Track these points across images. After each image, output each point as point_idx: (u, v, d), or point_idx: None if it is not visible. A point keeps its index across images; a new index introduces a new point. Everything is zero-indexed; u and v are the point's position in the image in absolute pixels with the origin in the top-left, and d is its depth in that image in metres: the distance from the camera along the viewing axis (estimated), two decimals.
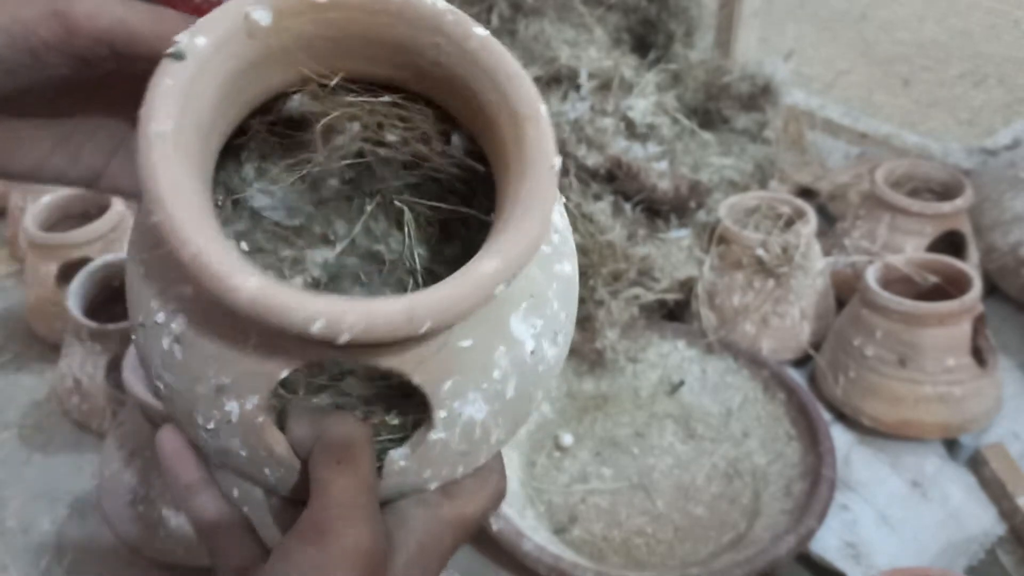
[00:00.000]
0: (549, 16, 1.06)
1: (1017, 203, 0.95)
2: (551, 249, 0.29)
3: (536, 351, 0.28)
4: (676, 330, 0.86)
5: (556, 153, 0.28)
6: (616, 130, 0.86)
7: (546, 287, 0.29)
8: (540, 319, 0.28)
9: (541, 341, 0.28)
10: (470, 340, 0.27)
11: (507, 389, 0.28)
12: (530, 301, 0.28)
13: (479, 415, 0.28)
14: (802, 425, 0.75)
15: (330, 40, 0.28)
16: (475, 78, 0.27)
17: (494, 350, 0.27)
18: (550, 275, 0.29)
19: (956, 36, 1.24)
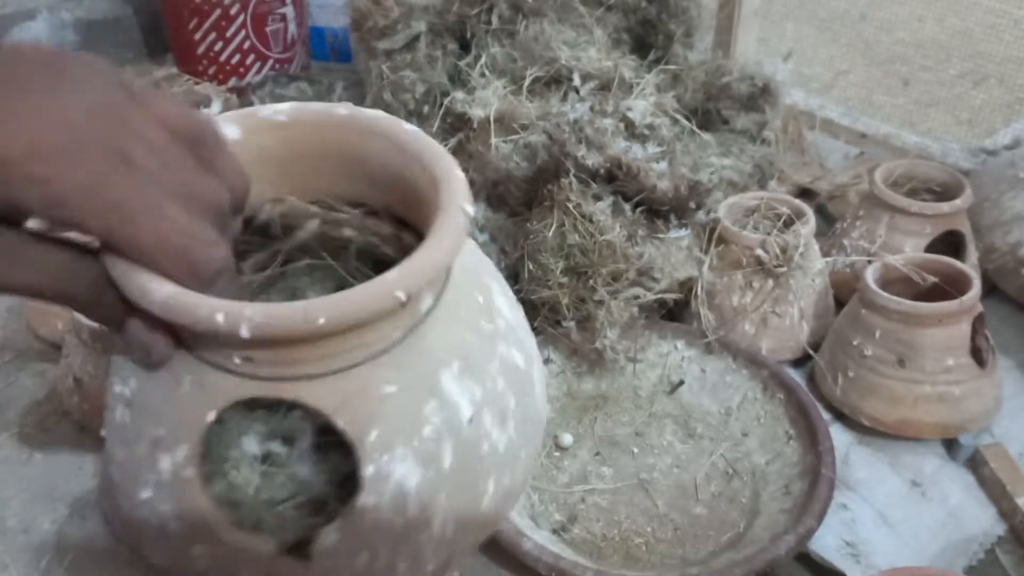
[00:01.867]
0: (549, 17, 1.06)
1: (1017, 203, 0.95)
2: (493, 327, 0.30)
3: (476, 422, 0.28)
4: (675, 330, 0.87)
5: (469, 200, 0.29)
6: (616, 130, 0.86)
7: (485, 359, 0.29)
8: (478, 387, 0.28)
9: (482, 414, 0.28)
10: (394, 386, 0.26)
11: (443, 455, 0.27)
12: (463, 363, 0.28)
13: (411, 480, 0.26)
14: (801, 425, 0.75)
15: (294, 155, 0.31)
16: (407, 164, 0.30)
17: (423, 403, 0.27)
18: (491, 350, 0.29)
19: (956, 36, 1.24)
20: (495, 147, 0.95)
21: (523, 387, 0.30)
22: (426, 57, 1.11)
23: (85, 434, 0.82)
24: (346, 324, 0.24)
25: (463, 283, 0.30)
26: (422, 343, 0.27)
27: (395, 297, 0.25)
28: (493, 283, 0.32)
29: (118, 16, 1.64)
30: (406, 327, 0.27)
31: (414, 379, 0.27)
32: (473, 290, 0.30)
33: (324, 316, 0.24)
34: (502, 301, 0.32)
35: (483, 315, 0.30)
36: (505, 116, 0.99)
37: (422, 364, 0.27)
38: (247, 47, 1.46)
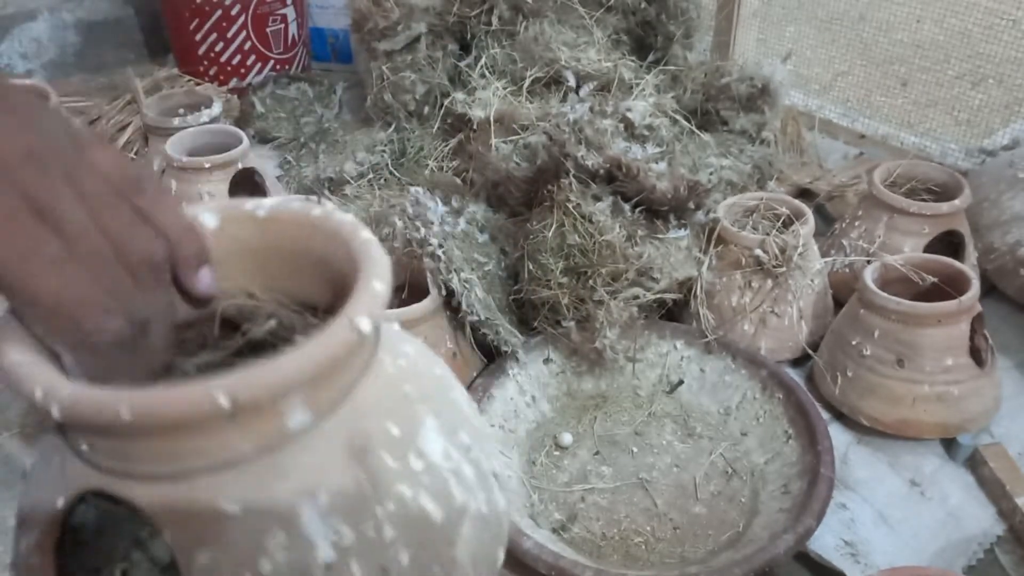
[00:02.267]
0: (549, 18, 1.07)
1: (1015, 203, 0.95)
2: (398, 467, 0.26)
3: (336, 569, 0.23)
4: (675, 330, 0.87)
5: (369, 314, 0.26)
6: (615, 131, 0.86)
7: (371, 500, 0.25)
8: (350, 531, 0.24)
9: (350, 562, 0.24)
10: (237, 506, 0.23)
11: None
12: (338, 500, 0.24)
13: None
14: (800, 424, 0.76)
15: (269, 249, 0.31)
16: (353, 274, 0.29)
17: (266, 532, 0.23)
18: (383, 491, 0.25)
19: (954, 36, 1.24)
20: (495, 147, 0.96)
21: (428, 543, 0.26)
22: (426, 58, 1.11)
23: None
24: (156, 423, 0.22)
25: (374, 409, 0.26)
26: (283, 464, 0.24)
27: (216, 403, 0.22)
28: (429, 417, 0.28)
29: (119, 17, 1.64)
30: (261, 442, 0.24)
31: (262, 503, 0.23)
32: (387, 419, 0.27)
33: (129, 409, 0.21)
34: (434, 439, 0.27)
35: (389, 450, 0.26)
36: (505, 117, 1.00)
37: (277, 488, 0.23)
38: (248, 48, 1.46)
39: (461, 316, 0.79)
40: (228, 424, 0.23)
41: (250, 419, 0.23)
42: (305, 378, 0.23)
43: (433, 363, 0.32)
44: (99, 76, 1.54)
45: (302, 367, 0.23)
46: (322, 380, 0.24)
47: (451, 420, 0.29)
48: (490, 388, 0.79)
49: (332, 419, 0.25)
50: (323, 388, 0.25)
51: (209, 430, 0.23)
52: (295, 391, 0.24)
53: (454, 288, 0.78)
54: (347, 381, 0.26)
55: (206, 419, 0.22)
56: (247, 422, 0.23)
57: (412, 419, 0.28)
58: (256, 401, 0.23)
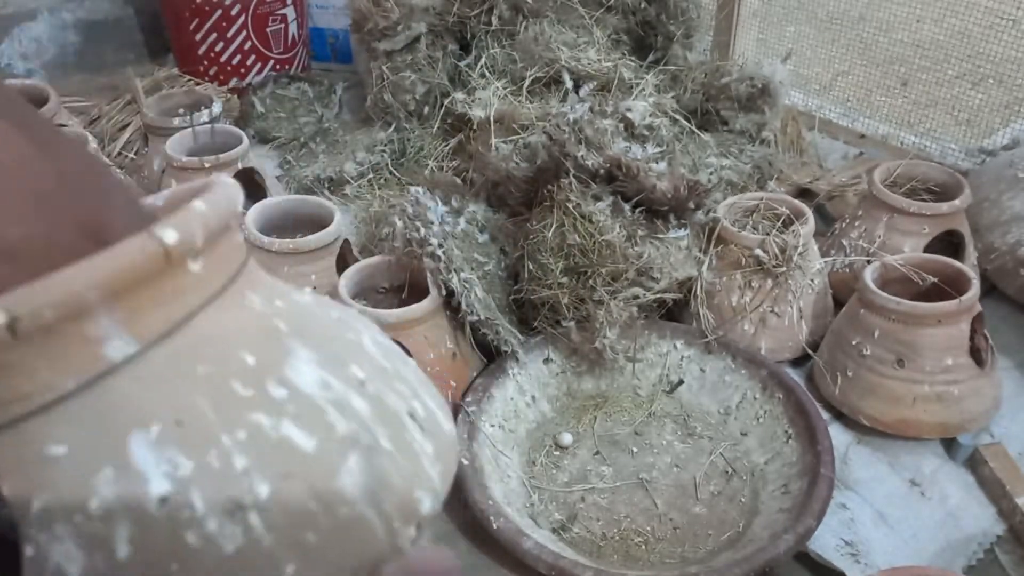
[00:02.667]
0: (549, 18, 1.07)
1: (1015, 203, 0.95)
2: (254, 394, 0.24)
3: (173, 501, 0.22)
4: (675, 330, 0.87)
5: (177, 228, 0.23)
6: (615, 131, 0.87)
7: (216, 428, 0.23)
8: (187, 460, 0.23)
9: (190, 493, 0.22)
10: (64, 447, 0.22)
11: (115, 540, 0.22)
12: (172, 429, 0.23)
13: (71, 568, 0.22)
14: (800, 424, 0.76)
15: None
16: None
17: (95, 471, 0.22)
18: (234, 418, 0.24)
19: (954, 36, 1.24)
20: (495, 147, 0.96)
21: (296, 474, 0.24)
22: (426, 58, 1.11)
23: None
24: None
25: (222, 336, 0.25)
26: (108, 398, 0.22)
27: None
28: (303, 350, 0.26)
29: (119, 17, 1.64)
30: (80, 374, 0.22)
31: (88, 440, 0.22)
32: (241, 348, 0.25)
33: None
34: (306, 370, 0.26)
35: (242, 378, 0.24)
36: (505, 117, 1.00)
37: (103, 422, 0.22)
38: (248, 48, 1.46)
39: (461, 316, 0.79)
40: (24, 350, 0.21)
41: (51, 343, 0.21)
42: (101, 292, 0.21)
43: (331, 307, 0.29)
44: (99, 76, 1.54)
45: (92, 277, 0.21)
46: (133, 299, 0.22)
47: (338, 354, 0.27)
48: (490, 388, 0.80)
49: (163, 347, 0.23)
50: (140, 310, 0.23)
51: (11, 363, 0.21)
52: (94, 310, 0.22)
53: (454, 288, 0.78)
54: (180, 307, 0.24)
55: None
56: (50, 348, 0.22)
57: (277, 350, 0.25)
58: (41, 317, 0.21)
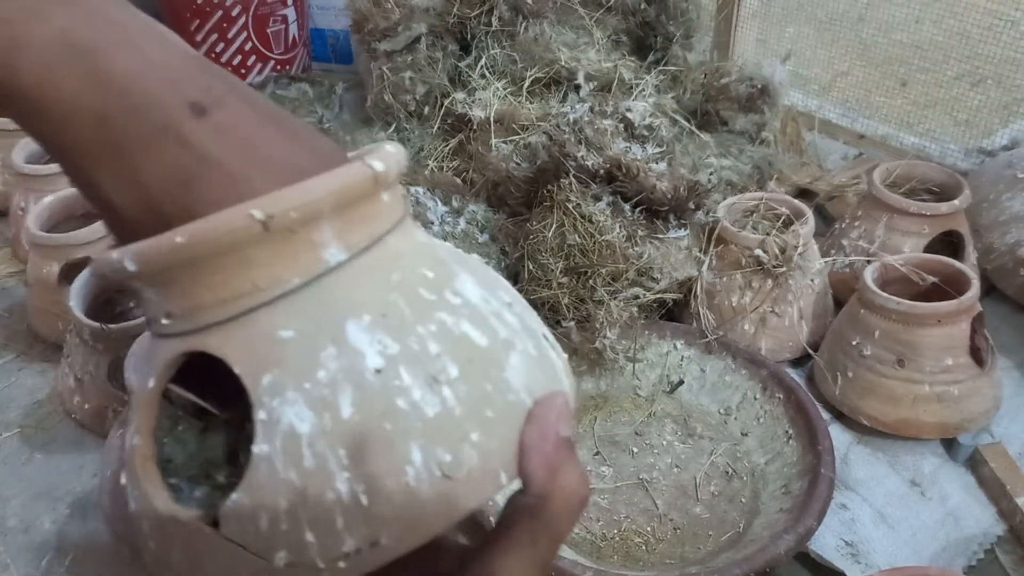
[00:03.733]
0: (549, 18, 1.07)
1: (1015, 203, 0.95)
2: (437, 299, 0.28)
3: (387, 375, 0.26)
4: (675, 330, 0.87)
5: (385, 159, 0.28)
6: (615, 131, 0.87)
7: (412, 320, 0.27)
8: (395, 343, 0.27)
9: (398, 369, 0.26)
10: (291, 331, 0.26)
11: (340, 402, 0.26)
12: (379, 319, 0.27)
13: (302, 426, 0.25)
14: (800, 424, 0.76)
15: None
16: None
17: (320, 348, 0.26)
18: (425, 315, 0.28)
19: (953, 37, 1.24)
20: (495, 148, 0.96)
21: (476, 361, 0.28)
22: (426, 58, 1.11)
23: (85, 434, 0.82)
24: (205, 245, 0.25)
25: (406, 254, 0.29)
26: (326, 293, 0.27)
27: (249, 215, 0.25)
28: (465, 273, 0.30)
29: None
30: (304, 274, 0.27)
31: (312, 325, 0.26)
32: (421, 265, 0.29)
33: (181, 235, 0.25)
34: (471, 287, 0.30)
35: (425, 286, 0.28)
36: (505, 117, 1.00)
37: (323, 312, 0.26)
38: (248, 48, 1.46)
39: None
40: (267, 245, 0.25)
41: (286, 242, 0.26)
42: (329, 204, 0.26)
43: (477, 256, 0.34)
44: None
45: (324, 189, 0.26)
46: (347, 213, 0.27)
47: (488, 280, 0.31)
48: None
49: (365, 257, 0.28)
50: (350, 223, 0.27)
51: (254, 253, 0.26)
52: (322, 217, 0.26)
53: None
54: (376, 226, 0.28)
55: (246, 234, 0.25)
56: (285, 246, 0.26)
57: (447, 269, 0.30)
58: (286, 217, 0.25)
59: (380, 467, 0.26)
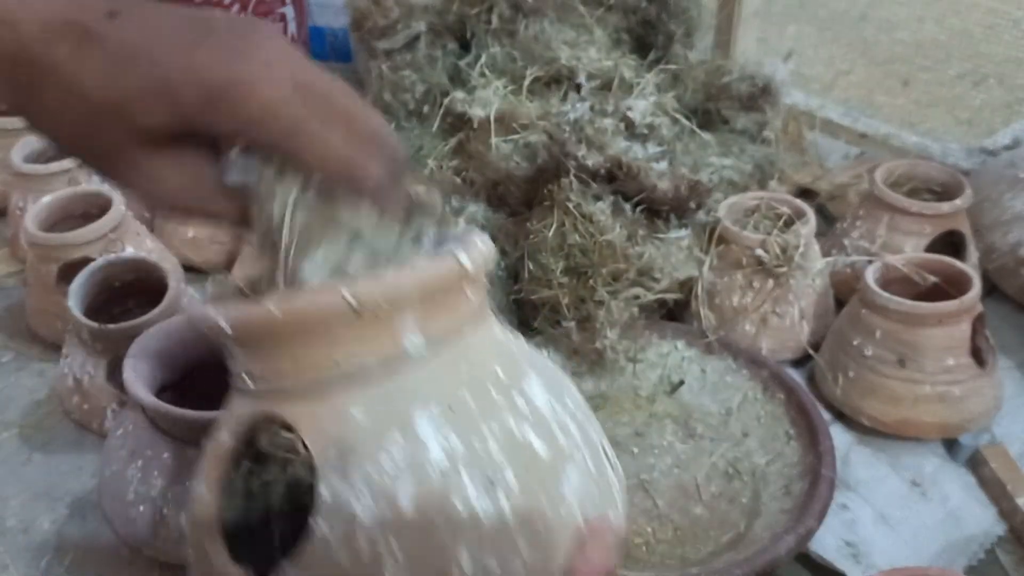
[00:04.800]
0: (549, 17, 1.06)
1: (1017, 203, 0.95)
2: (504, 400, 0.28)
3: (447, 473, 0.26)
4: (676, 330, 0.87)
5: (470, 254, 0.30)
6: (616, 130, 0.86)
7: (477, 419, 0.28)
8: (459, 441, 0.27)
9: (458, 467, 0.26)
10: (362, 411, 0.27)
11: (399, 493, 0.26)
12: (447, 412, 0.27)
13: (365, 515, 0.26)
14: (801, 425, 0.75)
15: None
16: None
17: (387, 432, 0.27)
18: (490, 415, 0.28)
19: (955, 36, 1.24)
20: (495, 147, 0.95)
21: (533, 470, 0.28)
22: (426, 57, 1.11)
23: (85, 434, 0.82)
24: (297, 319, 0.26)
25: (481, 350, 0.30)
26: (400, 380, 0.27)
27: (343, 297, 0.26)
28: (534, 374, 0.31)
29: None
30: (383, 357, 0.27)
31: (383, 408, 0.27)
32: (494, 362, 0.30)
33: (277, 307, 0.26)
34: (538, 391, 0.30)
35: (495, 385, 0.29)
36: (505, 116, 0.99)
37: (395, 397, 0.27)
38: None
39: None
40: (354, 327, 0.27)
41: (372, 326, 0.27)
42: (416, 294, 0.27)
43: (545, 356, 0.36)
44: None
45: (413, 281, 0.27)
46: (431, 304, 0.28)
47: (557, 384, 0.32)
48: None
49: (443, 349, 0.29)
50: (432, 313, 0.28)
51: (339, 332, 0.27)
52: (407, 306, 0.27)
53: None
54: (456, 320, 0.29)
55: (337, 314, 0.26)
56: (370, 330, 0.27)
57: (518, 370, 0.30)
58: (376, 304, 0.26)
59: (429, 565, 0.26)
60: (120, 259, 0.83)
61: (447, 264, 0.28)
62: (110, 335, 0.75)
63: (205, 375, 0.73)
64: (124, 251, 0.88)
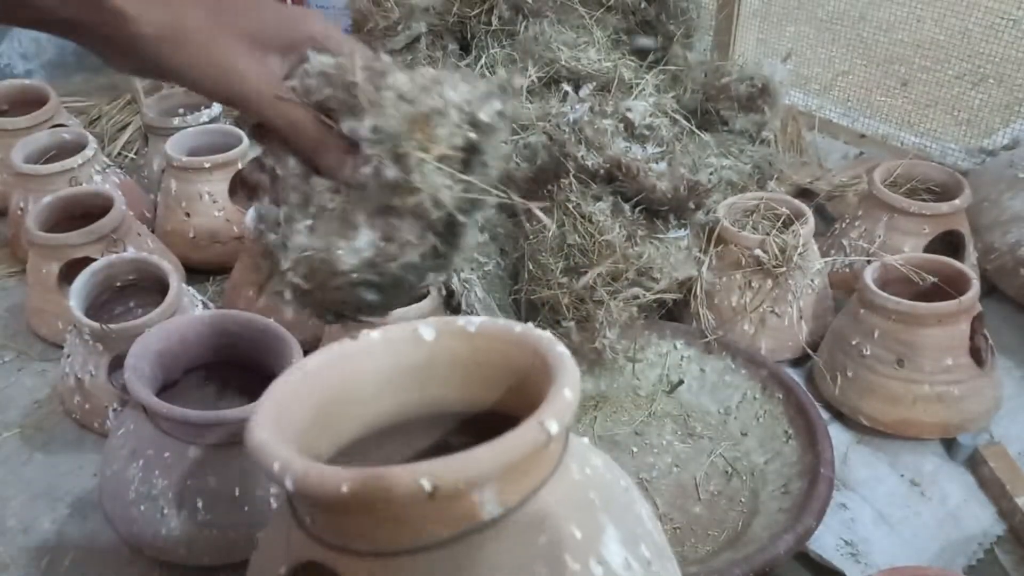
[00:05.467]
0: (549, 18, 1.07)
1: (1015, 203, 0.95)
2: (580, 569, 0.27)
3: None
4: (675, 330, 0.87)
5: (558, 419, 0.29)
6: (615, 131, 0.86)
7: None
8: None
9: None
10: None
11: None
12: None
13: None
14: (800, 424, 0.75)
15: (474, 363, 0.35)
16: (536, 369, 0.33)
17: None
18: None
19: (954, 36, 1.24)
20: None
21: None
22: (426, 58, 1.11)
23: (85, 434, 0.82)
24: (368, 499, 0.25)
25: (558, 510, 0.29)
26: (469, 551, 0.27)
27: (420, 486, 0.25)
28: (611, 527, 0.30)
29: None
30: (457, 527, 0.27)
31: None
32: (570, 522, 0.29)
33: (348, 485, 0.25)
34: (615, 549, 0.29)
35: (571, 551, 0.28)
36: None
37: (462, 570, 0.26)
38: None
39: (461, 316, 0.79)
40: (428, 507, 0.26)
41: (447, 504, 0.26)
42: (497, 471, 0.26)
43: (619, 476, 0.34)
44: (99, 76, 1.54)
45: (496, 460, 0.26)
46: (512, 475, 0.27)
47: (633, 532, 0.31)
48: None
49: (519, 513, 0.28)
50: (512, 483, 0.27)
51: (412, 512, 0.26)
52: (486, 483, 0.26)
53: (454, 288, 0.78)
54: (535, 480, 0.28)
55: (410, 499, 0.25)
56: (444, 508, 0.26)
57: (595, 525, 0.29)
58: (454, 488, 0.25)
59: None
60: (121, 259, 0.84)
61: (532, 436, 0.27)
62: (111, 335, 0.75)
63: (205, 375, 0.73)
64: (125, 251, 0.88)
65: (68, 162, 0.99)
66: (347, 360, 0.34)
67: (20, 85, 1.20)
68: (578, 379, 0.30)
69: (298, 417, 0.31)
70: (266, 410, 0.30)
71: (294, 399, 0.32)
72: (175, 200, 1.03)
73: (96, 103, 1.35)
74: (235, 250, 1.01)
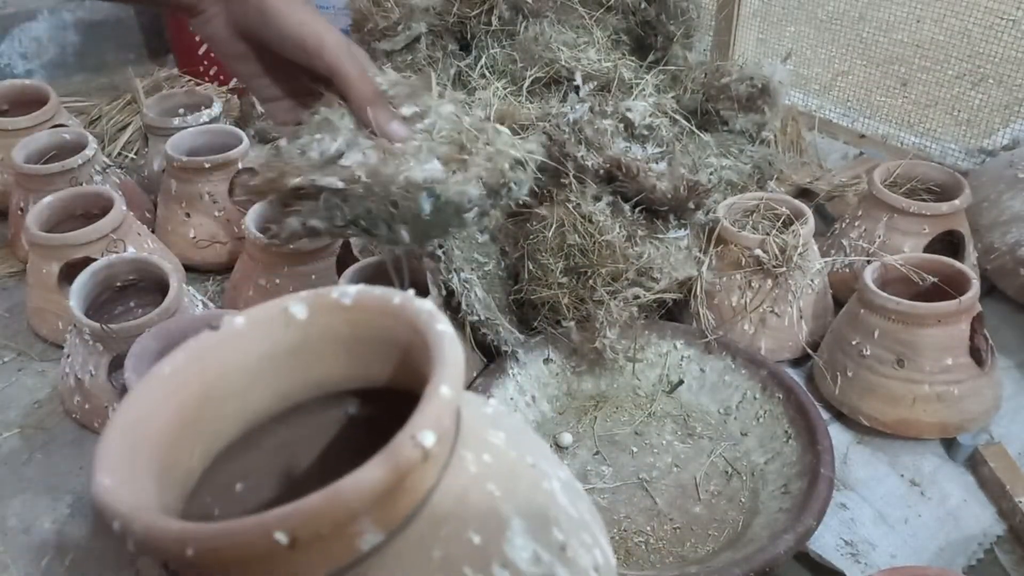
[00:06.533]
0: (549, 18, 1.07)
1: (1015, 203, 0.95)
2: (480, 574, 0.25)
3: None
4: (675, 330, 0.87)
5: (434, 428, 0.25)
6: (615, 131, 0.86)
7: None
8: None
9: None
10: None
11: None
12: None
13: None
14: (800, 424, 0.76)
15: (354, 339, 0.32)
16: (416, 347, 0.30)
17: None
18: None
19: (954, 36, 1.24)
20: None
21: None
22: (426, 58, 1.11)
23: (85, 434, 0.82)
24: (217, 558, 0.22)
25: (453, 515, 0.26)
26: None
27: (273, 540, 0.22)
28: (516, 519, 0.27)
29: (119, 17, 1.64)
30: (335, 566, 0.24)
31: None
32: (468, 526, 0.26)
33: (193, 546, 0.22)
34: (521, 544, 0.27)
35: (471, 560, 0.25)
36: (505, 117, 0.99)
37: None
38: None
39: (461, 316, 0.79)
40: (291, 557, 0.23)
41: (314, 549, 0.23)
42: (367, 504, 0.23)
43: (527, 450, 0.31)
44: (99, 76, 1.54)
45: (362, 493, 0.23)
46: (388, 499, 0.24)
47: (543, 516, 0.28)
48: (490, 388, 0.79)
49: (407, 532, 0.25)
50: (391, 506, 0.24)
51: (274, 565, 0.23)
52: (359, 516, 0.23)
53: (454, 288, 0.78)
54: (419, 493, 0.25)
55: (266, 554, 0.22)
56: (312, 553, 0.23)
57: (496, 522, 0.27)
58: (315, 534, 0.22)
59: None
60: (121, 259, 0.84)
61: (405, 455, 0.23)
62: (111, 335, 0.75)
63: None
64: (125, 251, 0.88)
65: (68, 162, 0.99)
66: (209, 353, 0.30)
67: (20, 85, 1.20)
68: (461, 367, 0.26)
69: (158, 432, 0.27)
70: (111, 440, 0.26)
71: (152, 412, 0.28)
72: (175, 200, 1.03)
73: (96, 103, 1.35)
74: (235, 250, 1.01)
